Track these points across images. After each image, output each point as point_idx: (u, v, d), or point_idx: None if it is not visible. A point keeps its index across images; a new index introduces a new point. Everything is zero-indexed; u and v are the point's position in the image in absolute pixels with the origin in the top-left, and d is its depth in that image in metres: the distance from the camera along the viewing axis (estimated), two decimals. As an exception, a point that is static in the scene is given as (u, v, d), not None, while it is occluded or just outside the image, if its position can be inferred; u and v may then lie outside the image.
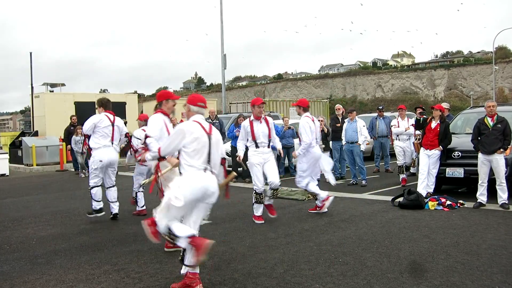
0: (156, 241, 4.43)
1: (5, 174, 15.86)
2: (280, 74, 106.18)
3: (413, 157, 10.73)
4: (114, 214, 7.39)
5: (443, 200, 7.75)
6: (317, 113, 24.39)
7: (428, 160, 8.55)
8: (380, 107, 13.65)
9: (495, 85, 50.71)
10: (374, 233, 6.20)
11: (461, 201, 7.85)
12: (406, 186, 9.90)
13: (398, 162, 10.84)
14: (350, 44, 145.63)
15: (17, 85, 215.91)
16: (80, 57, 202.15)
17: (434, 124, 8.66)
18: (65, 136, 15.48)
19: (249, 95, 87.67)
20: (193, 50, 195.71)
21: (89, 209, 7.45)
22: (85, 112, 9.07)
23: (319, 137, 8.00)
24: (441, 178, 8.74)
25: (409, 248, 5.46)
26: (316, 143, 7.71)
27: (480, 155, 7.69)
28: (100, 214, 7.32)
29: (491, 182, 7.66)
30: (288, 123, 12.57)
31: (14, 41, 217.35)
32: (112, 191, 7.41)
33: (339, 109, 12.27)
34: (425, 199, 7.89)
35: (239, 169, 12.03)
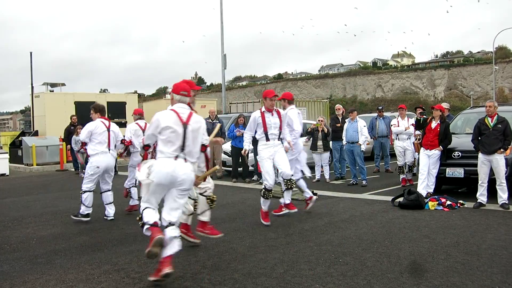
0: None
1: (5, 173, 15.87)
2: (280, 74, 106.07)
3: (415, 156, 10.72)
4: (110, 220, 7.43)
5: (443, 200, 7.75)
6: (317, 113, 24.38)
7: (428, 160, 8.55)
8: (380, 107, 13.66)
9: (495, 85, 50.72)
10: (374, 233, 6.20)
11: (461, 201, 7.85)
12: (406, 186, 9.92)
13: (399, 163, 10.83)
14: (348, 45, 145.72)
15: (17, 85, 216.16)
16: (80, 57, 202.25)
17: (434, 124, 8.67)
18: (65, 136, 15.50)
19: (249, 95, 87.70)
20: (193, 50, 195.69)
21: (76, 211, 7.49)
22: (85, 112, 9.06)
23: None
24: (441, 178, 8.74)
25: (409, 248, 5.46)
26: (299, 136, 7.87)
27: (480, 155, 7.69)
28: (86, 219, 7.33)
29: (491, 182, 7.66)
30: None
31: (14, 41, 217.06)
32: (108, 195, 7.51)
33: (339, 109, 12.27)
34: (425, 199, 7.89)
35: (239, 169, 12.07)
